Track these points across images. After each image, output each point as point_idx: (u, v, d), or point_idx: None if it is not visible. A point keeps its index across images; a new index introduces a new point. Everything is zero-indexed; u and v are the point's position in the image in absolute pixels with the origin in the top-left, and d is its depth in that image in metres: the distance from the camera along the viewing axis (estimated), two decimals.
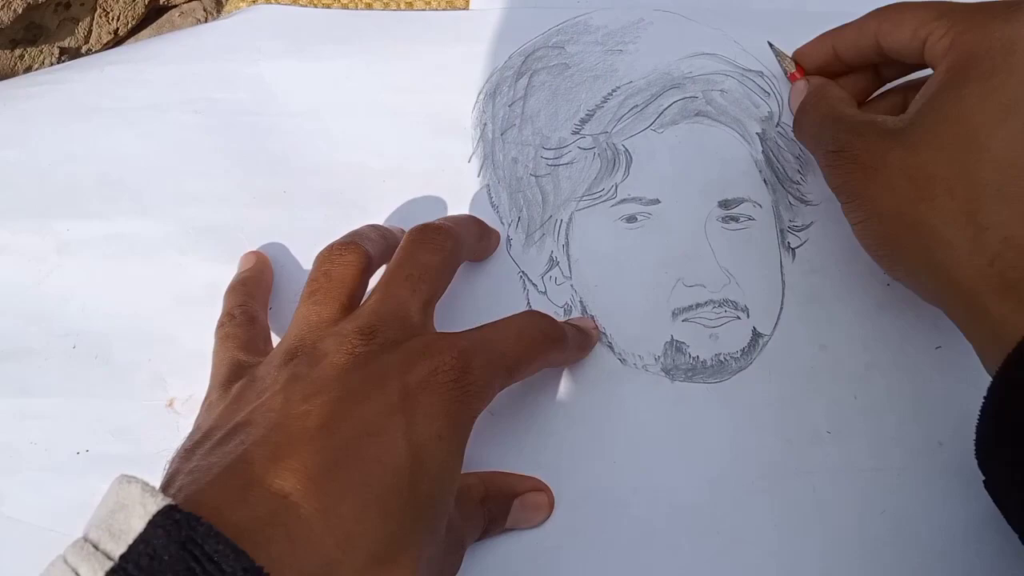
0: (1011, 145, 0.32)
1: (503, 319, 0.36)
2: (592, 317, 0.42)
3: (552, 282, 0.43)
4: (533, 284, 0.43)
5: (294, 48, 0.49)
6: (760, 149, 0.44)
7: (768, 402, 0.39)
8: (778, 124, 0.45)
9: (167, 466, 0.30)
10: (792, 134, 0.44)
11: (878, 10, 0.39)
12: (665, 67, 0.46)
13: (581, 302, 0.42)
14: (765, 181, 0.44)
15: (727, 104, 0.46)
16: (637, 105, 0.46)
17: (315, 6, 0.50)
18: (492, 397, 0.33)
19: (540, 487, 0.38)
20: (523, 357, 0.35)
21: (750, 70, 0.46)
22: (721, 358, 0.40)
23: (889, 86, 0.42)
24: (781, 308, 0.41)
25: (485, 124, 0.46)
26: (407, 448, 0.29)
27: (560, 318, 0.42)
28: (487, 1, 0.50)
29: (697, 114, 0.45)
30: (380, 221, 0.44)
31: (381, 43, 0.48)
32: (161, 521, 0.25)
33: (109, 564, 0.24)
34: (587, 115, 0.46)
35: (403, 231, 0.39)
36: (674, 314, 0.42)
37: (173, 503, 0.25)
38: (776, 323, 0.41)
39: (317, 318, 0.34)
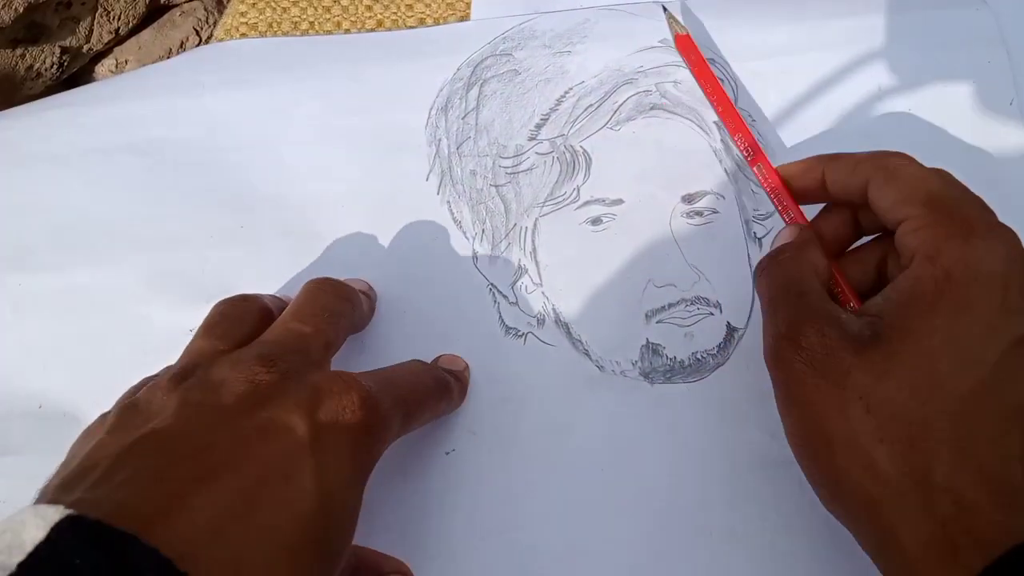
0: (973, 398, 0.28)
1: (396, 365, 0.35)
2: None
3: (523, 291, 0.42)
4: (503, 296, 0.42)
5: (237, 80, 0.47)
6: (718, 138, 0.44)
7: (749, 396, 0.39)
8: None
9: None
10: (749, 120, 0.43)
11: (876, 157, 0.34)
12: (616, 64, 0.45)
13: (554, 309, 0.41)
14: (726, 171, 0.43)
15: (681, 95, 0.45)
16: (591, 104, 0.45)
17: (283, 35, 0.48)
18: (390, 442, 0.32)
19: (404, 571, 0.36)
20: (421, 403, 0.34)
21: None
22: (698, 356, 0.40)
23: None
24: (753, 300, 0.40)
25: (440, 140, 0.45)
26: (318, 495, 0.27)
27: (535, 329, 0.41)
28: (488, 9, 0.48)
29: (652, 108, 0.44)
30: (343, 247, 0.43)
31: (325, 68, 0.47)
32: (68, 525, 0.23)
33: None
34: (542, 120, 0.45)
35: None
36: (647, 316, 0.41)
37: (76, 513, 0.23)
38: (749, 316, 0.40)
39: (211, 349, 0.32)
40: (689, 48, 0.43)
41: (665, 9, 0.45)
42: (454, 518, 0.38)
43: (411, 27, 0.48)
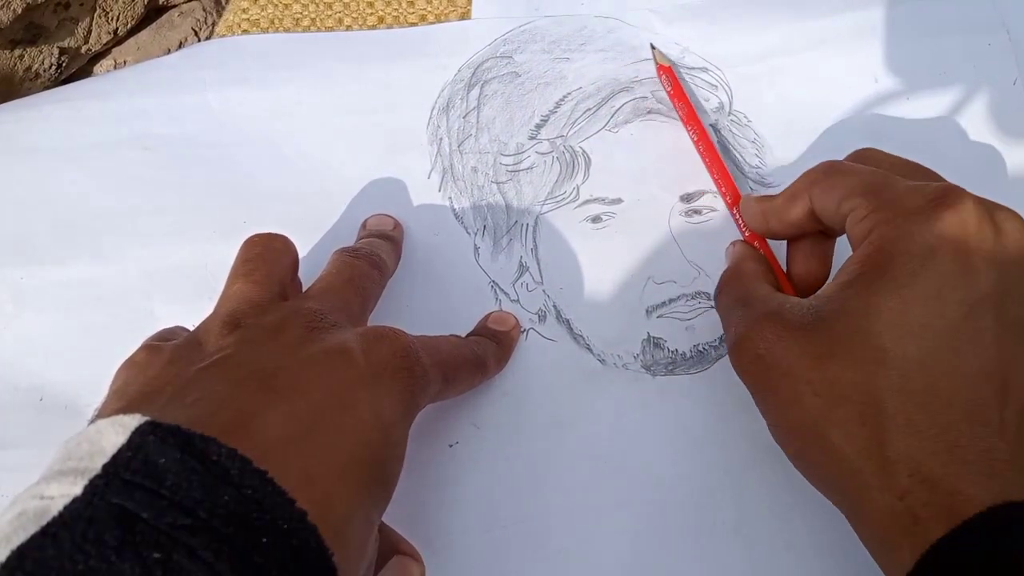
0: (921, 368, 0.28)
1: (435, 335, 0.35)
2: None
3: (524, 289, 0.41)
4: (505, 293, 0.41)
5: (240, 76, 0.46)
6: (716, 140, 0.43)
7: None
8: (730, 113, 0.44)
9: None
10: (745, 122, 0.43)
11: (810, 172, 0.34)
12: (613, 73, 0.45)
13: (555, 306, 0.41)
14: None
15: None
16: (590, 108, 0.44)
17: (284, 31, 0.47)
18: (430, 398, 0.32)
19: (418, 557, 0.35)
20: (459, 371, 0.34)
21: (695, 68, 0.45)
22: (700, 348, 0.39)
23: None
24: None
25: (441, 138, 0.44)
26: (374, 425, 0.28)
27: (536, 325, 0.40)
28: (489, 10, 0.47)
29: (649, 112, 0.44)
30: (345, 244, 0.41)
31: (328, 66, 0.46)
32: (148, 430, 0.22)
33: (88, 477, 0.21)
34: (542, 120, 0.44)
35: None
36: (648, 311, 0.40)
37: (155, 419, 0.23)
38: None
39: (257, 296, 0.32)
40: (671, 79, 0.44)
41: (653, 47, 0.45)
42: (458, 510, 0.37)
43: (412, 24, 0.47)
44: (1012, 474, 0.27)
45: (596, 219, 0.42)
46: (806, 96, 0.44)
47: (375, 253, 0.38)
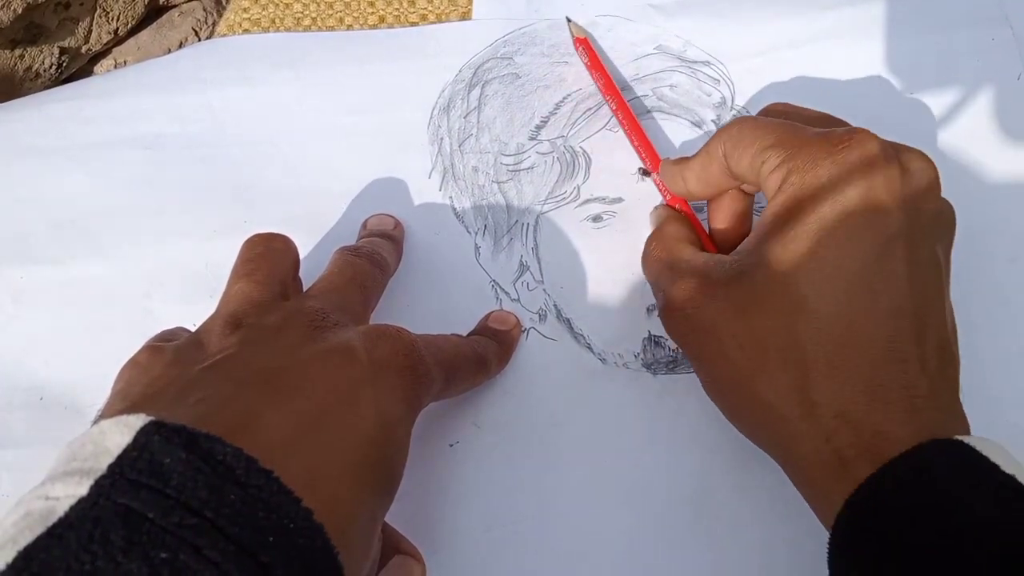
0: (839, 311, 0.28)
1: (436, 334, 0.35)
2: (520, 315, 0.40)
3: (524, 288, 0.41)
4: (505, 292, 0.41)
5: (241, 76, 0.46)
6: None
7: None
8: (732, 108, 0.44)
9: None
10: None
11: (722, 130, 0.34)
12: (612, 72, 0.45)
13: (555, 306, 0.40)
14: None
15: (678, 97, 0.44)
16: (590, 108, 0.44)
17: (285, 31, 0.47)
18: (432, 396, 0.32)
19: (419, 557, 0.35)
20: (460, 369, 0.34)
21: (697, 61, 0.45)
22: None
23: None
24: None
25: (442, 138, 0.44)
26: (377, 423, 0.27)
27: (537, 324, 0.40)
28: (489, 10, 0.47)
29: (649, 111, 0.44)
30: (345, 243, 0.41)
31: (328, 65, 0.46)
32: (153, 430, 0.22)
33: (93, 477, 0.21)
34: (542, 121, 0.44)
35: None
36: (648, 310, 0.40)
37: (159, 419, 0.23)
38: None
39: (259, 296, 0.32)
40: (587, 50, 0.44)
41: (569, 20, 0.45)
42: (459, 510, 0.37)
43: (413, 24, 0.47)
44: (933, 411, 0.27)
45: (597, 218, 0.42)
46: (809, 90, 0.44)
47: (376, 252, 0.38)
